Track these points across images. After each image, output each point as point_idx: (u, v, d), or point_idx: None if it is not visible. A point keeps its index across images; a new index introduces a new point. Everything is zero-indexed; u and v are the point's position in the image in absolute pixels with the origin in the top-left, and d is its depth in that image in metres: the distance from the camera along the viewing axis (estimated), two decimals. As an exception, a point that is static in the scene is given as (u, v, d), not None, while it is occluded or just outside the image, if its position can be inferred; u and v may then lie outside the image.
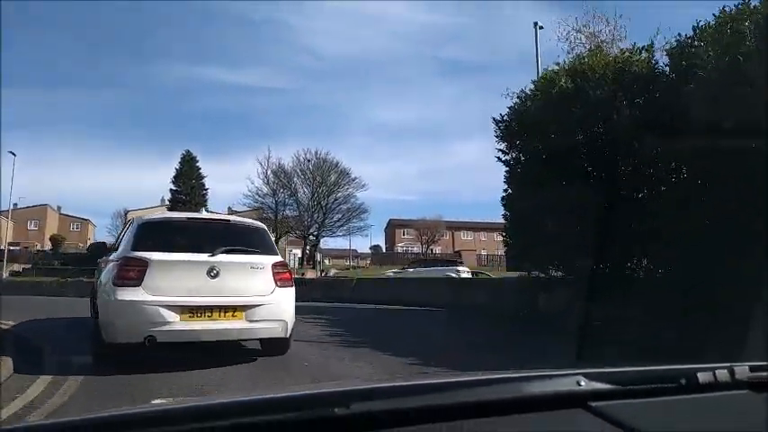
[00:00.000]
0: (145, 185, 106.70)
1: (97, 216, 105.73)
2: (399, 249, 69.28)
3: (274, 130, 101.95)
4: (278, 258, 6.49)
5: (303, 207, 54.80)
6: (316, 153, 54.98)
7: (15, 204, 67.83)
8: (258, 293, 6.02)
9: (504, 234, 12.57)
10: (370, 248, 70.14)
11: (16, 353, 5.83)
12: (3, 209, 55.68)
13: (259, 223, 7.20)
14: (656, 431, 0.91)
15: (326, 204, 54.44)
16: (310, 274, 45.99)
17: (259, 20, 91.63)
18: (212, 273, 5.82)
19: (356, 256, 66.70)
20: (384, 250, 70.91)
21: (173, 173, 52.53)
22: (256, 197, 54.24)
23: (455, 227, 72.80)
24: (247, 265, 6.11)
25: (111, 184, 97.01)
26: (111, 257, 6.32)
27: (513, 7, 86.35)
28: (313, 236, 55.33)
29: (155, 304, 5.52)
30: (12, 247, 58.01)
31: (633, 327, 7.50)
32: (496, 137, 11.30)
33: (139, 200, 70.03)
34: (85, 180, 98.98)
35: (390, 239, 75.15)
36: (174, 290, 5.65)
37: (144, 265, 5.64)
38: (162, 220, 6.81)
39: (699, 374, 1.06)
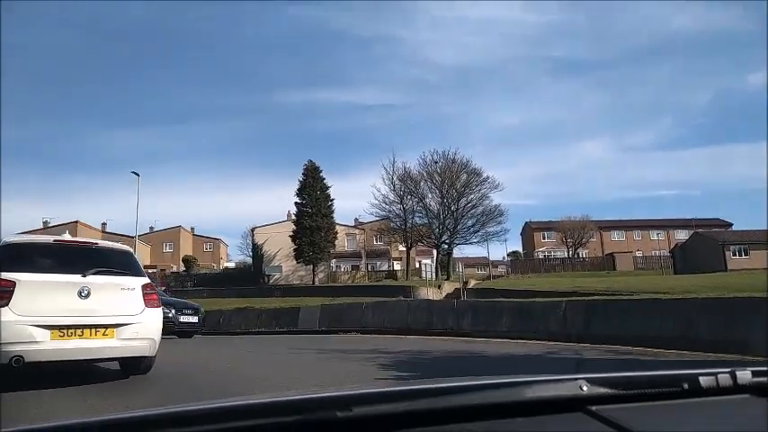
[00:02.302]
0: (271, 203, 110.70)
1: (229, 236, 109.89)
2: (540, 255, 62.06)
3: (392, 146, 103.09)
4: (147, 280, 6.58)
5: (432, 214, 49.99)
6: (443, 153, 50.07)
7: (151, 227, 69.79)
8: (128, 313, 6.14)
9: None
10: (508, 255, 63.65)
11: None
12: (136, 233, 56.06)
13: (126, 247, 7.18)
14: None
15: (457, 209, 49.12)
16: (447, 287, 41.07)
17: (369, 37, 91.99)
18: (83, 293, 5.89)
19: (486, 264, 60.56)
20: (523, 256, 63.98)
21: (297, 186, 49.87)
22: (383, 206, 50.33)
23: (605, 226, 64.19)
24: (118, 286, 6.22)
25: (241, 205, 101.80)
26: None
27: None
28: (445, 244, 50.13)
29: (23, 324, 5.47)
30: (149, 270, 58.77)
31: None
32: None
33: (266, 217, 71.21)
34: (217, 202, 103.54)
35: (528, 244, 68.09)
36: (44, 310, 5.62)
37: (11, 285, 5.57)
38: (27, 242, 6.67)
39: (701, 379, 1.06)
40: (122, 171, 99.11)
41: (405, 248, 52.18)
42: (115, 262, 6.47)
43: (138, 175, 34.44)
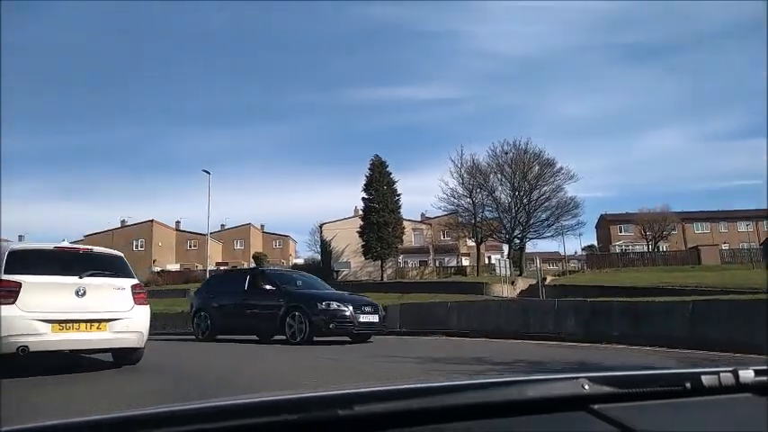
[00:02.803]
0: (338, 200, 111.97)
1: (297, 233, 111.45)
2: (617, 249, 59.15)
3: (455, 140, 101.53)
4: (136, 281, 7.43)
5: (503, 207, 48.30)
6: (514, 144, 48.21)
7: (223, 225, 71.23)
8: (119, 309, 6.96)
9: None
10: (583, 249, 61.02)
11: None
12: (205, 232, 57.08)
13: (118, 252, 7.92)
14: None
15: (529, 202, 47.20)
16: (520, 284, 39.46)
17: (432, 32, 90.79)
18: (80, 292, 6.71)
19: (559, 259, 58.13)
20: (598, 251, 61.14)
21: (363, 181, 49.32)
22: (451, 200, 49.05)
23: (688, 218, 60.46)
24: (110, 286, 7.05)
25: (308, 202, 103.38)
26: None
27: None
28: (517, 238, 48.34)
29: (27, 318, 6.28)
30: (221, 267, 59.92)
31: None
32: None
33: (333, 213, 71.62)
34: (285, 199, 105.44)
35: (604, 238, 65.09)
36: (45, 306, 6.43)
37: (17, 285, 6.36)
38: (30, 248, 7.31)
39: (703, 378, 1.07)
40: (195, 171, 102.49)
41: (474, 244, 50.82)
42: (108, 265, 7.35)
43: (208, 173, 34.79)
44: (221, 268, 58.92)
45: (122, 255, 7.90)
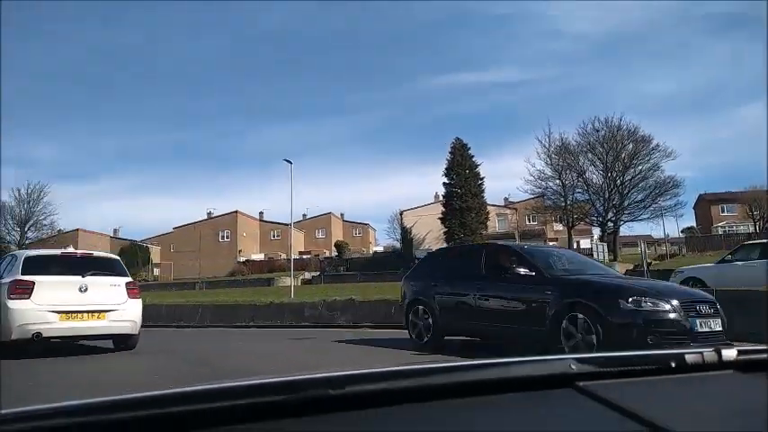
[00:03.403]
0: (417, 187, 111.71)
1: (376, 221, 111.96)
2: (719, 230, 54.76)
3: (538, 123, 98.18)
4: (129, 279, 9.00)
5: (593, 188, 45.51)
6: (606, 121, 45.20)
7: (304, 215, 72.03)
8: (115, 302, 8.43)
9: None
10: (682, 231, 56.96)
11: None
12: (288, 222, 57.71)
13: (115, 256, 10.18)
14: (641, 408, 0.93)
15: (623, 183, 44.20)
16: (618, 269, 36.85)
17: (503, 15, 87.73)
18: (82, 288, 8.21)
19: (651, 242, 54.26)
20: (699, 233, 56.87)
21: (444, 166, 47.99)
22: (538, 182, 46.69)
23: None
24: (108, 283, 8.55)
25: (387, 190, 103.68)
26: (2, 281, 8.24)
27: None
28: (611, 221, 45.50)
29: (40, 310, 7.83)
30: (304, 256, 60.60)
31: None
32: None
33: (412, 201, 70.94)
34: (364, 188, 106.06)
35: (703, 219, 60.58)
36: (54, 300, 7.96)
37: (31, 284, 7.95)
38: (41, 254, 9.14)
39: (687, 356, 1.11)
40: (277, 163, 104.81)
41: (561, 228, 48.31)
42: (107, 266, 8.82)
43: (290, 162, 34.56)
44: (304, 257, 59.62)
45: (119, 258, 9.77)
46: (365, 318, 14.89)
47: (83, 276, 8.19)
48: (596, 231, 48.65)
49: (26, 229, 53.97)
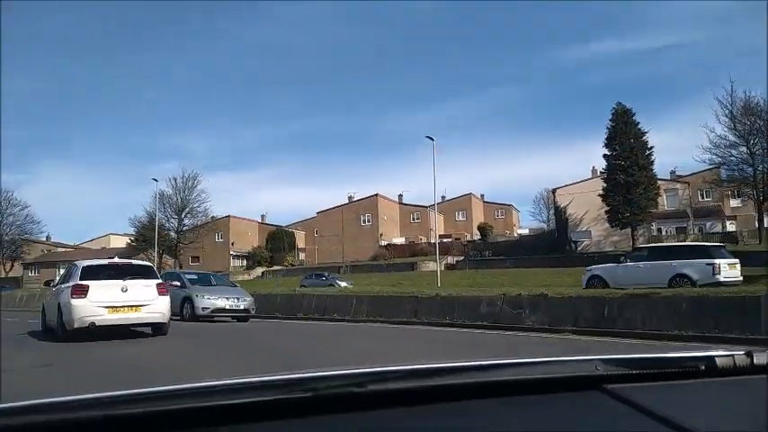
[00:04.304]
0: (565, 165, 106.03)
1: (520, 202, 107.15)
2: None
3: (691, 89, 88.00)
4: (160, 281, 11.61)
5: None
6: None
7: (443, 197, 69.31)
8: (149, 298, 10.81)
9: None
10: None
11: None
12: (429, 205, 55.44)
13: (149, 263, 14.28)
14: (669, 412, 0.91)
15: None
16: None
17: None
18: (124, 289, 10.59)
19: None
20: None
21: (604, 134, 42.79)
22: (719, 150, 40.06)
23: None
24: (142, 284, 10.92)
25: (529, 169, 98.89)
26: (65, 285, 10.99)
27: None
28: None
29: (93, 306, 10.25)
30: (445, 239, 57.99)
31: None
32: None
33: (565, 176, 65.84)
34: (505, 167, 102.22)
35: None
36: (104, 298, 10.38)
37: (87, 287, 10.39)
38: (94, 264, 11.62)
39: (717, 359, 1.07)
40: (415, 145, 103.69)
41: (738, 204, 41.21)
42: (142, 272, 11.59)
43: (432, 139, 31.93)
44: (445, 240, 57.09)
45: (151, 264, 13.85)
46: (562, 319, 11.79)
47: (124, 280, 10.71)
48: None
49: (182, 216, 56.69)
